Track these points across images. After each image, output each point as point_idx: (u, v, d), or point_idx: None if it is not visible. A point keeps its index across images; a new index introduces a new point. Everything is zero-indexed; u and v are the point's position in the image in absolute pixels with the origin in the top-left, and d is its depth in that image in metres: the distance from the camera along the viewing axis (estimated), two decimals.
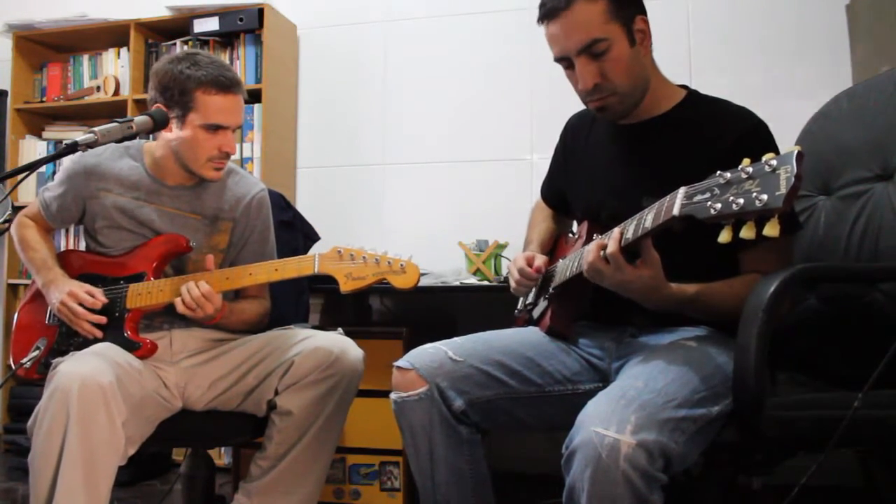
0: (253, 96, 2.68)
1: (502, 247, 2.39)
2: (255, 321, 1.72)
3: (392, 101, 2.87)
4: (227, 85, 1.56)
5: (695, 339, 1.22)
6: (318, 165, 2.94)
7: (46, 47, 3.11)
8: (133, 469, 2.39)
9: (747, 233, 0.89)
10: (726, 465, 1.24)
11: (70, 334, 1.60)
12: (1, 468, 2.69)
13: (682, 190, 1.00)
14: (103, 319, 1.57)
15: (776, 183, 0.86)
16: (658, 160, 1.33)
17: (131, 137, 1.46)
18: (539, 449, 2.36)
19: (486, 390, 1.31)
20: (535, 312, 1.47)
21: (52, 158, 1.42)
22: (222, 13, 2.76)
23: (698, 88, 1.40)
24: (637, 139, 1.38)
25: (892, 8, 2.09)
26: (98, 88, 2.97)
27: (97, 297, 1.57)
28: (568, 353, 1.37)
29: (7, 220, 1.89)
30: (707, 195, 0.95)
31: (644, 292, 1.15)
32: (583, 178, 1.49)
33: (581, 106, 1.42)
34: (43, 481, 1.32)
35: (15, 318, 1.71)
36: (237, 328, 1.69)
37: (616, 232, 1.13)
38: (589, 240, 1.31)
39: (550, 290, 1.41)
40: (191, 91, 1.54)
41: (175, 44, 2.89)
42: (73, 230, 2.90)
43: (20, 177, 1.38)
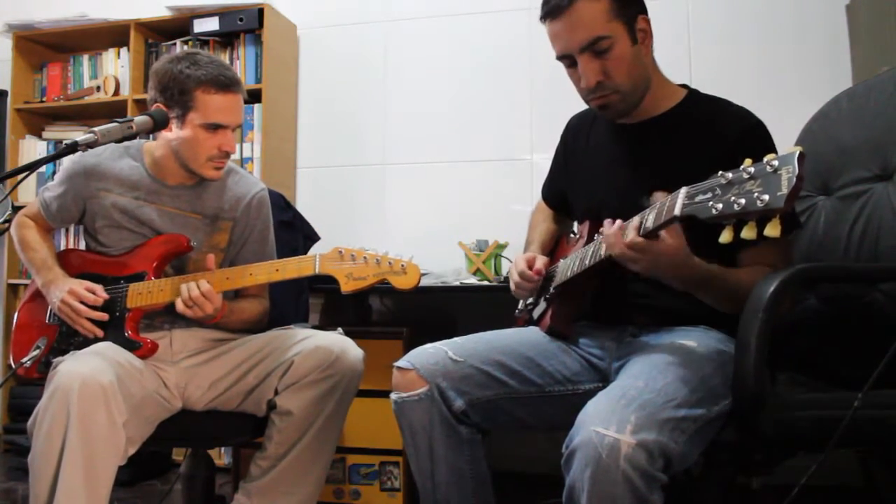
0: (253, 96, 2.68)
1: (502, 247, 2.39)
2: (255, 320, 1.72)
3: (392, 101, 2.87)
4: (226, 84, 1.56)
5: (695, 339, 1.22)
6: (318, 165, 2.94)
7: (46, 47, 3.11)
8: (133, 469, 2.39)
9: (748, 233, 0.89)
10: (726, 465, 1.24)
11: (70, 333, 1.60)
12: (1, 468, 2.69)
13: (683, 190, 1.00)
14: (105, 316, 1.57)
15: (778, 183, 0.86)
16: (658, 160, 1.33)
17: (131, 137, 1.46)
18: (539, 449, 2.37)
19: (487, 390, 1.31)
20: (536, 312, 1.47)
21: (52, 158, 1.41)
22: (222, 13, 2.76)
23: (698, 88, 1.40)
24: (637, 139, 1.38)
25: (892, 8, 2.09)
26: (98, 88, 2.97)
27: (98, 293, 1.57)
28: (568, 353, 1.38)
29: (7, 220, 1.89)
30: (708, 195, 0.95)
31: (674, 265, 1.11)
32: (583, 179, 1.49)
33: (581, 106, 1.42)
34: (43, 481, 1.32)
35: (15, 318, 1.71)
36: (237, 328, 1.69)
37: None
38: (590, 240, 1.31)
39: (551, 290, 1.41)
40: (190, 90, 1.55)
41: (175, 44, 2.89)
42: (73, 230, 2.90)
43: (20, 177, 1.38)
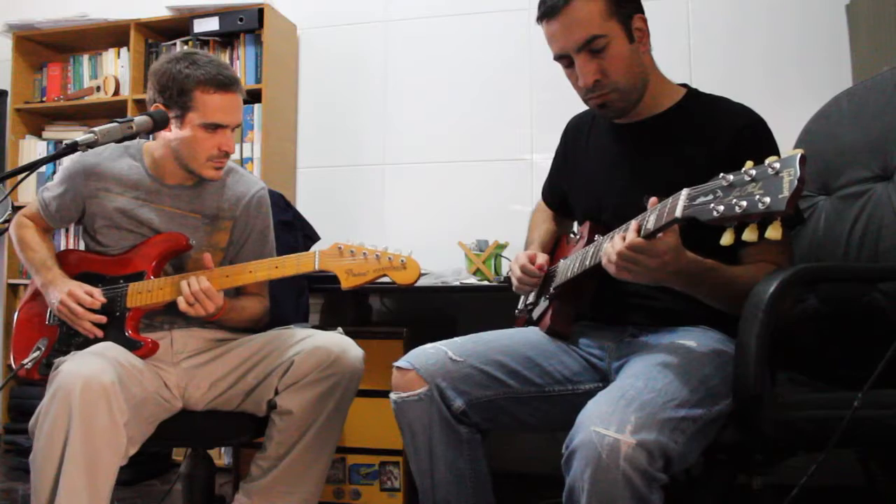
0: (253, 96, 2.68)
1: (502, 247, 2.38)
2: (256, 319, 1.72)
3: (392, 101, 2.87)
4: (225, 84, 1.56)
5: (695, 339, 1.22)
6: (318, 165, 2.93)
7: (46, 47, 3.11)
8: (133, 469, 2.39)
9: (750, 235, 0.88)
10: (726, 465, 1.24)
11: (71, 334, 1.60)
12: (1, 468, 2.68)
13: (684, 191, 1.00)
14: (103, 319, 1.57)
15: (779, 185, 0.86)
16: (659, 159, 1.33)
17: (131, 137, 1.46)
18: (539, 449, 2.36)
19: (486, 390, 1.31)
20: (536, 312, 1.47)
21: (52, 158, 1.41)
22: (222, 13, 2.75)
23: (698, 88, 1.40)
24: (637, 138, 1.38)
25: (892, 8, 2.08)
26: (98, 88, 2.97)
27: (96, 296, 1.57)
28: (568, 353, 1.38)
29: (7, 220, 1.89)
30: (710, 197, 0.94)
31: (669, 262, 1.08)
32: (584, 179, 1.49)
33: (581, 106, 1.42)
34: (45, 481, 1.32)
35: (15, 318, 1.71)
36: (238, 326, 1.69)
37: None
38: (591, 240, 1.31)
39: (551, 290, 1.41)
40: (190, 90, 1.54)
41: (175, 44, 2.89)
42: (72, 230, 2.90)
43: (20, 177, 1.38)
